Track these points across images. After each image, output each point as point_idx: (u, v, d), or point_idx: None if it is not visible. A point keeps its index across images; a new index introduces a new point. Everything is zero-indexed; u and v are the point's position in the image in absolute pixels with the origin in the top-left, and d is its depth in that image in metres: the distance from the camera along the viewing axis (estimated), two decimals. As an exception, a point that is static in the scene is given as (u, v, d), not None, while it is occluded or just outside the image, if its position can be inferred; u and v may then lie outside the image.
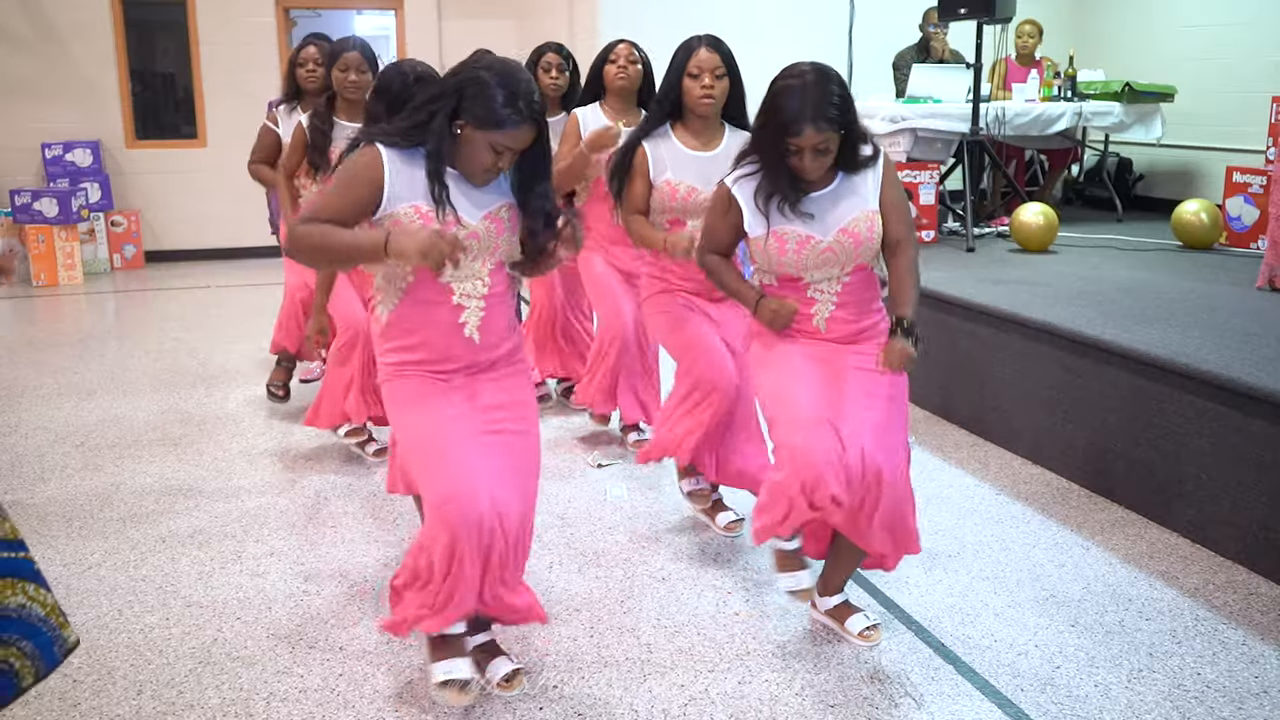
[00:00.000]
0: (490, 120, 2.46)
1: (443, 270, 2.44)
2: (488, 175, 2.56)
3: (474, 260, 2.57)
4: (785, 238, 2.78)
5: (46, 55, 8.89)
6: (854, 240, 2.79)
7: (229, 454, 4.65)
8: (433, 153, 2.51)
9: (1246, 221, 6.30)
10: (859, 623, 3.03)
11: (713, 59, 3.32)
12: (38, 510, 4.03)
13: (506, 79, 2.48)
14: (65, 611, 2.21)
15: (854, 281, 2.85)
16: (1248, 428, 3.49)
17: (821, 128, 2.67)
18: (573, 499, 4.12)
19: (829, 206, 2.79)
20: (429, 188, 2.51)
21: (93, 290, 8.45)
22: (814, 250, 2.78)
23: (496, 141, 2.48)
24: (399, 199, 2.51)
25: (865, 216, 2.80)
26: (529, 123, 2.49)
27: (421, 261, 2.37)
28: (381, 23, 11.31)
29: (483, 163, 2.52)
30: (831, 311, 2.85)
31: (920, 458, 4.57)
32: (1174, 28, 8.20)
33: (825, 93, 2.68)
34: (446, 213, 2.51)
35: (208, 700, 2.78)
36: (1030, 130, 7.06)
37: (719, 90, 3.34)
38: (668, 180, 3.40)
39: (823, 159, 2.73)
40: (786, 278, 2.85)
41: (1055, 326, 4.34)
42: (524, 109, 2.47)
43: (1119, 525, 3.86)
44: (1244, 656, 2.98)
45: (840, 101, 2.70)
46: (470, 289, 2.59)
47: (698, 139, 3.43)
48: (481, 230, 2.56)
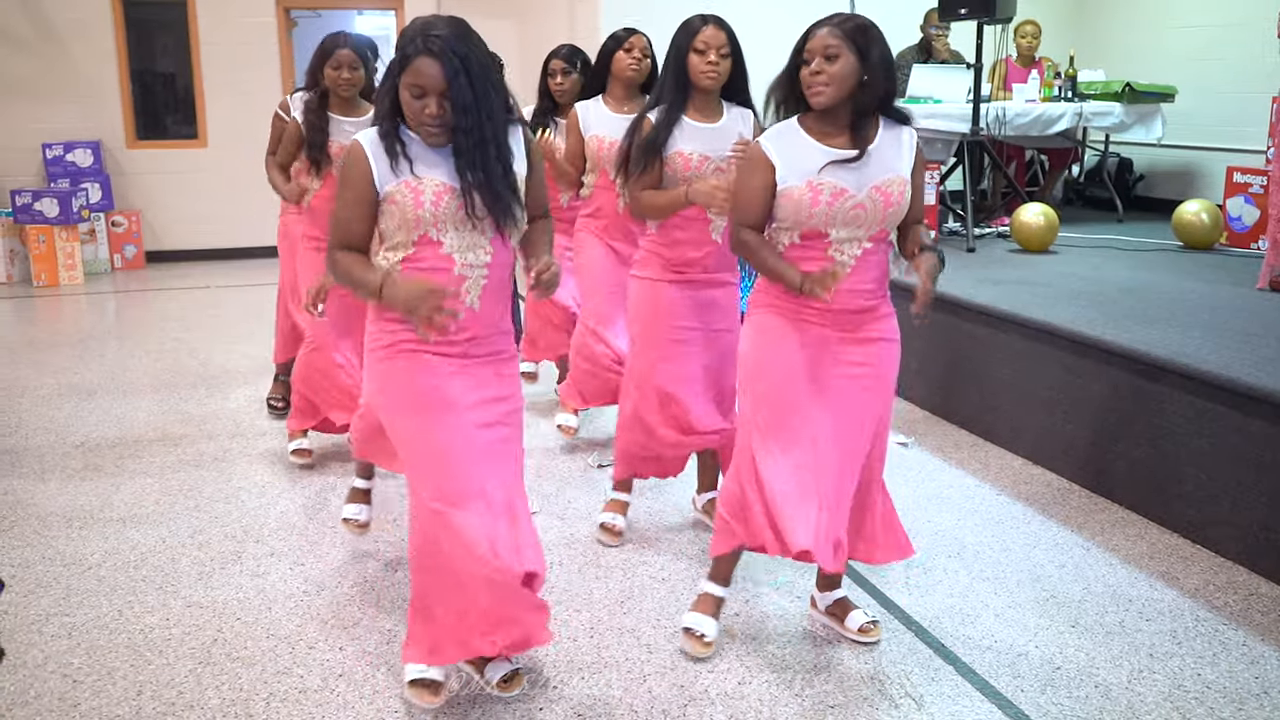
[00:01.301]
0: (400, 62, 2.46)
1: (431, 331, 2.42)
2: (428, 130, 2.50)
3: (473, 230, 2.56)
4: (820, 188, 2.73)
5: (47, 55, 8.89)
6: (884, 200, 2.75)
7: (229, 454, 4.65)
8: (381, 114, 2.54)
9: (1247, 222, 6.30)
10: (858, 619, 3.05)
11: (719, 36, 3.32)
12: (38, 510, 4.03)
13: (419, 23, 2.49)
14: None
15: (873, 250, 2.81)
16: (1248, 428, 3.49)
17: (834, 32, 2.67)
18: (573, 500, 4.12)
19: (865, 163, 2.76)
20: (385, 147, 2.52)
21: (93, 290, 8.45)
22: (845, 204, 2.73)
23: (408, 84, 2.46)
24: (388, 179, 2.53)
25: (899, 180, 2.78)
26: (424, 54, 2.42)
27: (408, 317, 2.42)
28: (382, 23, 11.31)
29: (413, 113, 2.49)
30: (846, 276, 2.79)
31: (920, 458, 4.57)
32: (1174, 28, 8.20)
33: (854, 15, 2.74)
34: (400, 166, 2.51)
35: (208, 701, 2.78)
36: (1031, 130, 7.05)
37: (724, 68, 3.34)
38: (680, 151, 3.39)
39: (830, 70, 2.67)
40: (812, 232, 2.78)
41: (1056, 327, 4.34)
42: (420, 42, 2.43)
43: (1119, 525, 3.86)
44: (1244, 657, 2.98)
45: (862, 27, 2.71)
46: (473, 258, 2.57)
47: (700, 113, 3.42)
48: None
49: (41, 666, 2.95)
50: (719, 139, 3.36)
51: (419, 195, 2.50)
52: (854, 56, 2.68)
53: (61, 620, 3.21)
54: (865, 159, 2.75)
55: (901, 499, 4.06)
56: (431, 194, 2.50)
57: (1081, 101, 7.23)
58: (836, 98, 2.71)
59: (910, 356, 2.98)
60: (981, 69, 6.64)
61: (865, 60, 2.69)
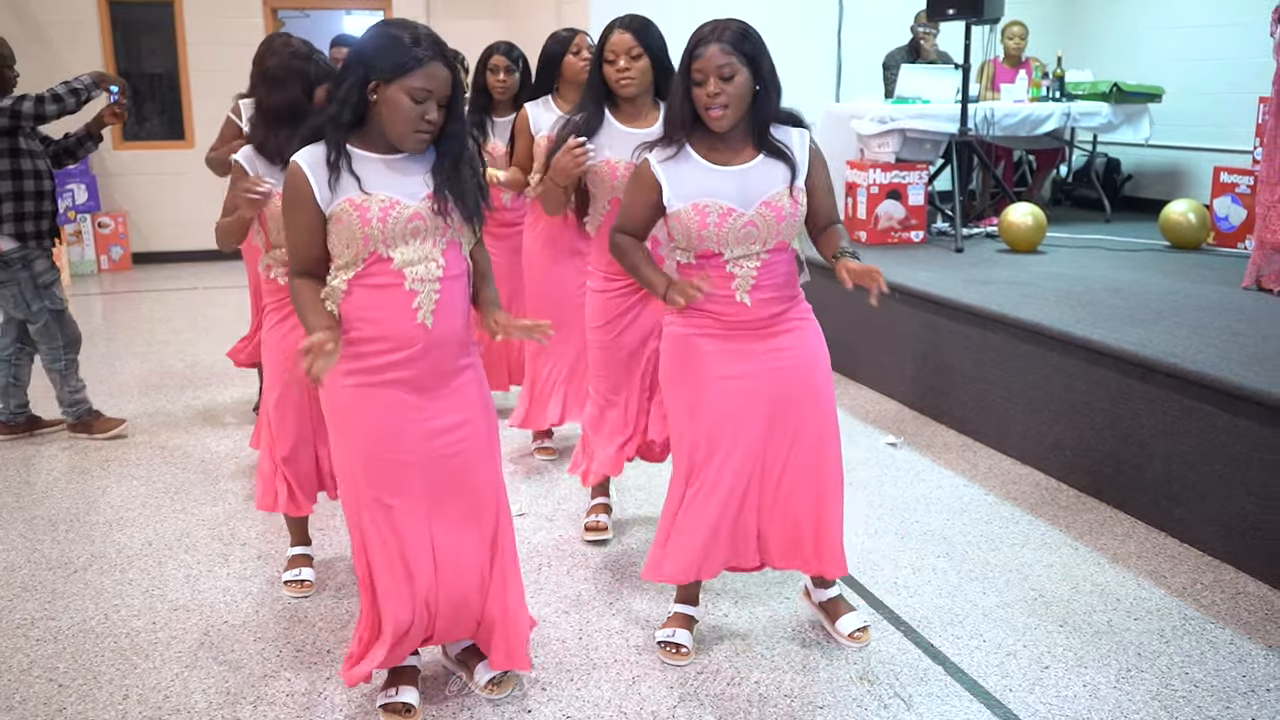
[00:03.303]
0: (399, 66, 2.38)
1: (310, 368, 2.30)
2: (419, 136, 2.44)
3: (424, 242, 2.48)
4: (707, 210, 2.71)
5: (33, 56, 8.80)
6: (776, 214, 2.72)
7: (216, 456, 4.63)
8: (333, 119, 2.44)
9: (1234, 221, 6.33)
10: (850, 623, 3.04)
11: (624, 40, 3.28)
12: (24, 514, 4.01)
13: (405, 25, 2.44)
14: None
15: (773, 260, 2.77)
16: (1235, 427, 3.50)
17: (725, 49, 2.63)
18: (561, 502, 4.11)
19: (751, 180, 2.73)
20: (326, 156, 2.44)
21: (80, 292, 8.41)
22: (735, 223, 2.70)
23: (413, 88, 2.39)
24: (329, 200, 2.44)
25: (793, 193, 2.75)
26: (438, 60, 2.40)
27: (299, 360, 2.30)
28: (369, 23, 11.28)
29: (408, 118, 2.41)
30: (752, 287, 2.76)
31: (909, 458, 4.57)
32: (1162, 28, 8.23)
33: (731, 23, 2.68)
34: (345, 182, 2.42)
35: (194, 704, 2.77)
36: (1019, 131, 7.07)
37: (635, 70, 3.29)
38: (607, 160, 3.37)
39: (728, 90, 2.64)
40: (706, 254, 2.76)
41: (1044, 327, 4.35)
42: (428, 47, 2.40)
43: (1107, 525, 3.87)
44: (1231, 655, 2.99)
45: (745, 34, 2.66)
46: (423, 272, 2.48)
47: (630, 120, 3.40)
48: (425, 210, 2.47)
49: (27, 671, 2.94)
50: None
51: (365, 212, 2.42)
52: (747, 70, 2.66)
53: (47, 624, 3.19)
54: (748, 174, 2.73)
55: (890, 499, 4.09)
56: (379, 209, 2.43)
57: (1069, 102, 7.26)
58: (736, 118, 2.70)
59: (899, 357, 2.97)
60: (969, 69, 6.66)
61: (758, 72, 2.67)
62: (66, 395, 4.84)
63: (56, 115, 4.52)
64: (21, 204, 4.57)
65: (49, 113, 4.51)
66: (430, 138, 2.47)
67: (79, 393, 4.87)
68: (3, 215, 4.53)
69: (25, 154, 4.61)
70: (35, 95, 4.52)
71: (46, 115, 4.51)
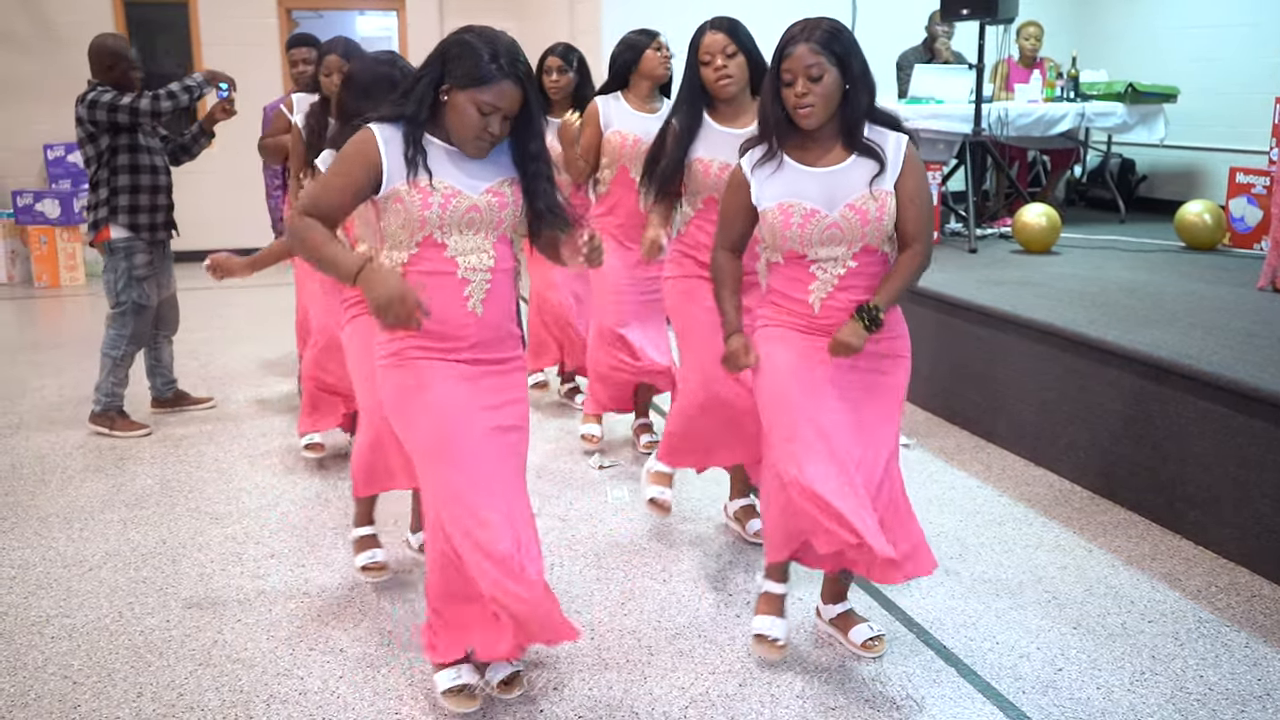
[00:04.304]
0: (472, 77, 2.42)
1: (398, 327, 2.41)
2: (479, 143, 2.50)
3: (477, 234, 2.54)
4: (791, 211, 2.70)
5: (48, 56, 8.89)
6: (861, 218, 2.69)
7: (230, 455, 4.65)
8: (410, 116, 2.49)
9: (1249, 222, 6.29)
10: (862, 633, 3.02)
11: (718, 40, 3.30)
12: (38, 512, 4.03)
13: (488, 38, 2.47)
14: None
15: (860, 266, 2.74)
16: (1250, 429, 3.48)
17: (814, 48, 2.62)
18: (574, 501, 4.11)
19: (839, 181, 2.72)
20: (404, 151, 2.48)
21: (95, 291, 8.43)
22: (819, 225, 2.69)
23: (481, 101, 2.44)
24: (397, 178, 2.49)
25: (876, 195, 2.71)
26: (511, 79, 2.44)
27: (376, 315, 2.38)
28: (383, 23, 11.31)
29: (472, 126, 2.46)
30: (830, 292, 2.74)
31: (923, 459, 4.56)
32: (1177, 28, 8.20)
33: (822, 21, 2.67)
34: (420, 177, 2.47)
35: (208, 702, 2.78)
36: (1033, 131, 7.05)
37: (733, 67, 3.30)
38: (699, 157, 3.38)
39: (817, 90, 2.63)
40: (792, 254, 2.76)
41: (1058, 328, 4.33)
42: (505, 65, 2.43)
43: (1121, 527, 3.85)
44: (1247, 659, 2.97)
45: (835, 34, 2.65)
46: (475, 261, 2.54)
47: (727, 120, 3.40)
48: (483, 204, 2.53)
49: (42, 668, 2.95)
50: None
51: (428, 197, 2.47)
52: (836, 70, 2.64)
53: (62, 622, 3.21)
54: (835, 176, 2.71)
55: (903, 500, 4.07)
56: (441, 198, 2.48)
57: (1084, 102, 7.23)
58: (825, 117, 2.69)
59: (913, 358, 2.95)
60: (984, 69, 6.64)
61: (847, 71, 2.65)
62: (107, 384, 4.93)
63: (171, 111, 4.73)
64: (137, 197, 4.81)
65: (164, 109, 4.71)
66: (490, 145, 2.52)
67: (119, 386, 4.97)
68: (119, 206, 4.78)
69: (144, 150, 4.84)
70: (152, 93, 4.71)
71: (163, 112, 4.72)
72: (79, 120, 4.71)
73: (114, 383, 4.92)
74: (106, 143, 4.72)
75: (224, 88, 4.85)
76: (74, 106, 4.74)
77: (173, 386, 5.31)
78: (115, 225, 4.79)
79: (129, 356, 4.96)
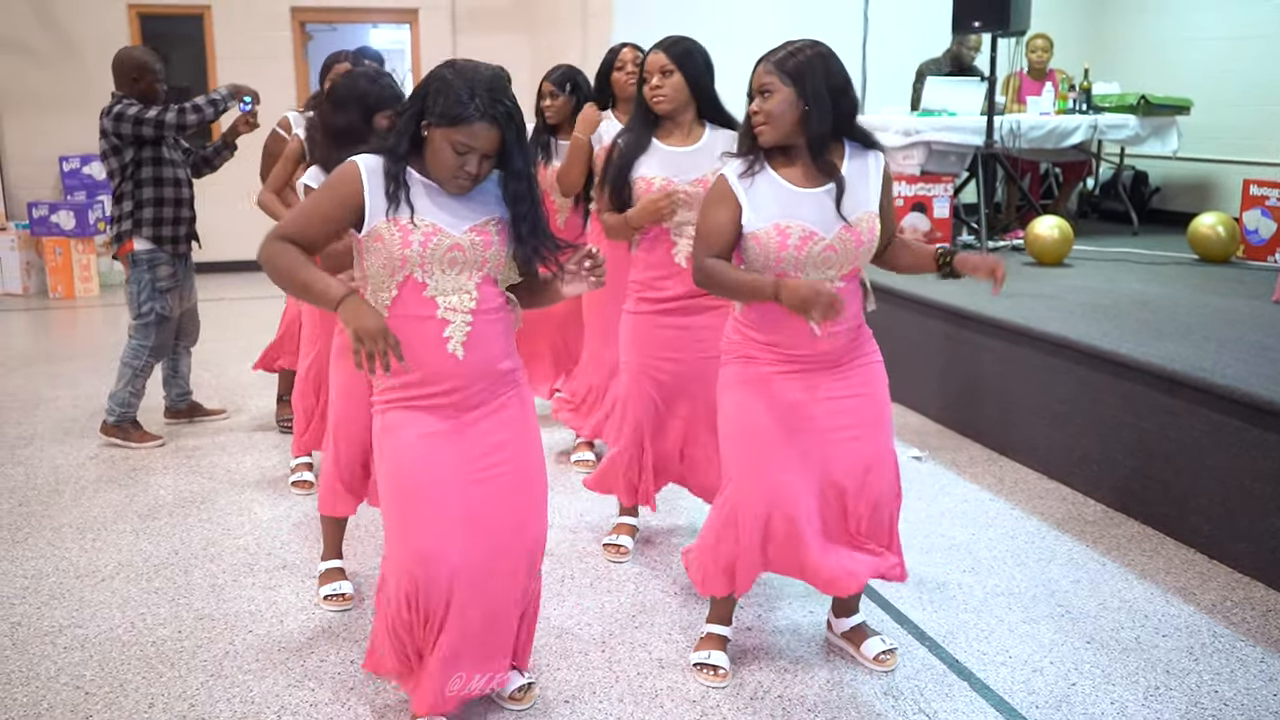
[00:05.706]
0: (447, 116, 2.37)
1: (370, 362, 2.31)
2: (457, 181, 2.44)
3: (460, 273, 2.48)
4: (789, 232, 2.68)
5: (63, 69, 8.96)
6: (855, 239, 2.70)
7: (243, 467, 4.66)
8: (391, 150, 2.45)
9: (1264, 235, 6.27)
10: (874, 647, 3.01)
11: (657, 59, 3.31)
12: (52, 522, 4.05)
13: (467, 76, 2.40)
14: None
15: (846, 289, 2.76)
16: (1265, 442, 3.46)
17: (768, 67, 2.65)
18: (584, 513, 4.11)
19: (831, 203, 2.71)
20: (385, 187, 2.43)
21: (109, 303, 8.49)
22: (815, 247, 2.69)
23: (455, 140, 2.38)
24: (378, 215, 2.44)
25: (868, 217, 2.73)
26: (485, 120, 2.37)
27: (355, 344, 2.30)
28: (396, 36, 11.38)
29: (448, 165, 2.41)
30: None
31: (935, 472, 4.55)
32: (1190, 40, 8.18)
33: (788, 44, 2.69)
34: (401, 213, 2.42)
35: (219, 713, 2.78)
36: (1045, 143, 7.04)
37: (667, 87, 3.30)
38: (642, 175, 3.37)
39: (764, 107, 2.65)
40: (782, 276, 2.72)
41: (1070, 340, 4.32)
42: (482, 105, 2.36)
43: (1135, 541, 3.83)
44: (1262, 674, 2.95)
45: (792, 54, 2.65)
46: (456, 302, 2.48)
47: (670, 139, 3.40)
48: (466, 243, 2.46)
49: (54, 679, 2.96)
50: (689, 161, 3.35)
51: (408, 235, 2.42)
52: (790, 89, 2.63)
53: (74, 632, 3.22)
54: (831, 197, 2.71)
55: (916, 513, 4.06)
56: (421, 235, 2.42)
57: (1096, 114, 7.22)
58: (778, 135, 2.68)
59: (925, 370, 2.95)
60: (995, 82, 6.63)
61: (802, 91, 2.63)
62: (124, 394, 4.95)
63: (197, 124, 4.77)
64: (161, 209, 4.84)
65: (189, 122, 4.74)
66: (471, 184, 2.47)
67: (136, 398, 4.99)
68: (144, 219, 4.81)
69: (167, 163, 4.87)
70: (178, 106, 4.74)
71: (188, 125, 4.75)
72: (103, 133, 4.74)
73: (131, 393, 4.95)
74: (131, 155, 4.75)
75: (248, 101, 4.88)
76: (96, 119, 4.76)
77: (187, 398, 5.34)
78: (139, 238, 4.82)
79: (149, 367, 4.99)
